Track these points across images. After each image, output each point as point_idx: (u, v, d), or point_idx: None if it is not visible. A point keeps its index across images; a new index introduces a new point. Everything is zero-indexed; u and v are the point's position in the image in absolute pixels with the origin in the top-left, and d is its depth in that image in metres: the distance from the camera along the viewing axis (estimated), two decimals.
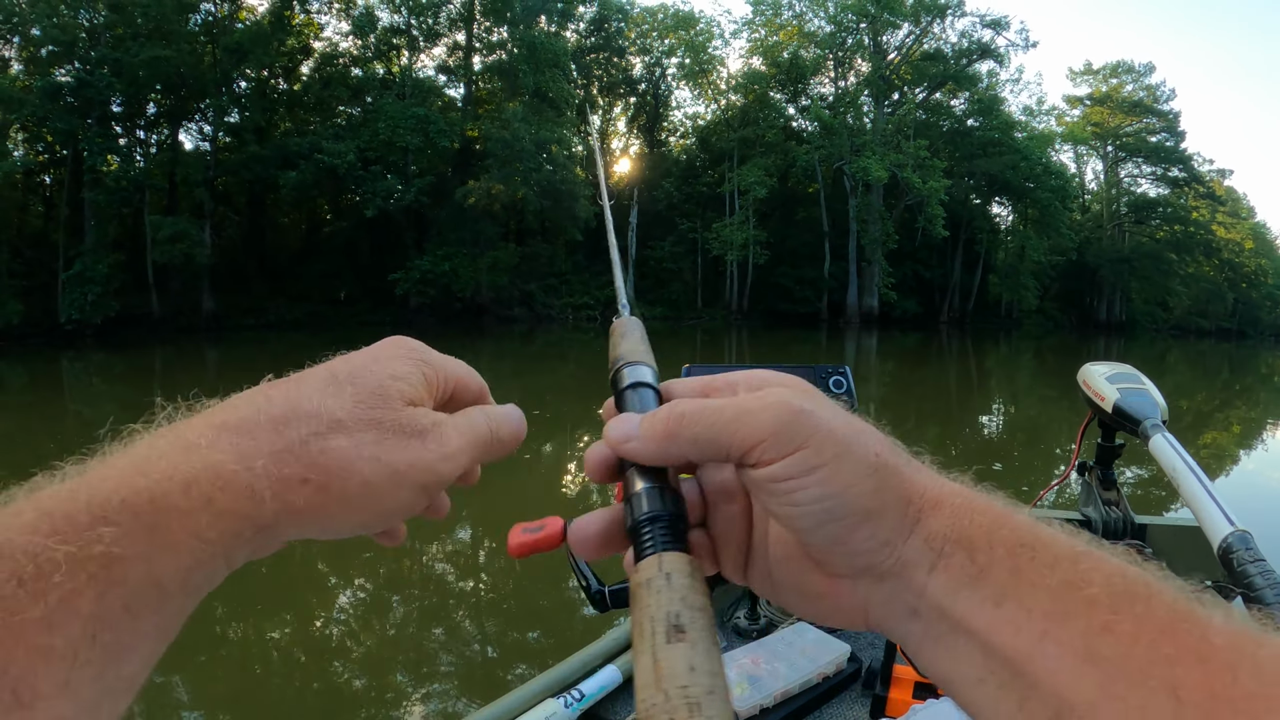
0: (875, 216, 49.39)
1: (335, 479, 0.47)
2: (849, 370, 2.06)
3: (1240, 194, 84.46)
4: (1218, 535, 1.31)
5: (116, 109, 36.19)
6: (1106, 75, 67.98)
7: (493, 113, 43.37)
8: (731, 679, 1.75)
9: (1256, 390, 26.69)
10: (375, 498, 0.49)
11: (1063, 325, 63.83)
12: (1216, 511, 1.36)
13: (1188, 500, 1.44)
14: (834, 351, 30.62)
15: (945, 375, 24.71)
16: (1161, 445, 1.65)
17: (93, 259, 33.16)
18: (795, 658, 1.80)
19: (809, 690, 1.76)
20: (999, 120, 55.36)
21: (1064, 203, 57.58)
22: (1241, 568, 1.22)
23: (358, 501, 0.48)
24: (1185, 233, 65.32)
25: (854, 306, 51.00)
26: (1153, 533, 2.23)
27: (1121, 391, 1.96)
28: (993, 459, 11.41)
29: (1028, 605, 0.39)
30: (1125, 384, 1.99)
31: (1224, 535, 1.29)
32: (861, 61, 54.42)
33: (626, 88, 56.80)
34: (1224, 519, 1.33)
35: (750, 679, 1.73)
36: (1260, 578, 1.19)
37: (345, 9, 44.16)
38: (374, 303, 41.63)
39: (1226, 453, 13.47)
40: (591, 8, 51.10)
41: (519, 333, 37.46)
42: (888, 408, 16.35)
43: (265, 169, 38.58)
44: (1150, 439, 1.71)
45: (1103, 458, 2.29)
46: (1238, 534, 1.28)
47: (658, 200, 50.96)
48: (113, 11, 34.64)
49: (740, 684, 1.70)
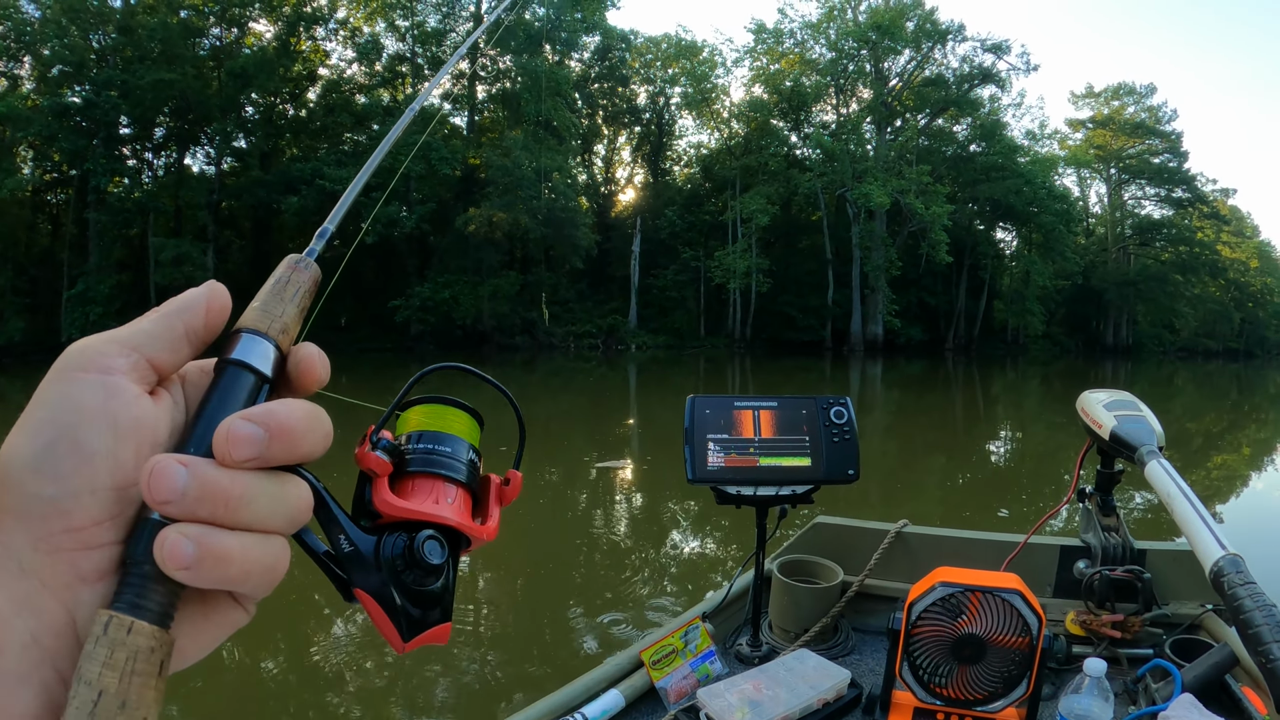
0: (878, 243, 49.50)
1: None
2: (849, 401, 2.10)
3: (1244, 213, 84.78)
4: (1209, 559, 1.32)
5: (125, 131, 36.60)
6: (1108, 98, 68.36)
7: (495, 140, 43.70)
8: (733, 704, 1.77)
9: (1266, 410, 26.58)
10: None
11: (1069, 350, 63.85)
12: (1209, 536, 1.37)
13: (1181, 525, 1.46)
14: (838, 380, 30.56)
15: (951, 403, 24.64)
16: (1156, 471, 1.67)
17: (95, 279, 33.53)
18: (796, 684, 1.82)
19: (810, 716, 1.77)
20: (1001, 145, 55.66)
21: (1068, 226, 57.79)
22: (1232, 590, 1.24)
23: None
24: (1190, 253, 65.53)
25: (858, 334, 51.03)
26: (1151, 558, 2.25)
27: (1119, 419, 1.98)
28: (1000, 488, 11.38)
29: None
30: (1122, 411, 2.01)
31: (1215, 559, 1.31)
32: (863, 88, 54.76)
33: (631, 117, 57.24)
34: (1216, 544, 1.34)
35: (751, 704, 1.74)
36: (1250, 600, 1.20)
37: (351, 36, 44.58)
38: (375, 329, 41.79)
39: (1237, 474, 13.42)
40: (595, 37, 51.46)
41: (520, 360, 37.44)
42: (893, 437, 16.30)
43: (269, 194, 38.91)
44: (1146, 465, 1.73)
45: (1102, 484, 2.32)
46: (1229, 558, 1.29)
47: (661, 229, 51.20)
48: (122, 34, 35.05)
49: (741, 709, 1.72)
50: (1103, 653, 2.06)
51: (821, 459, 2.03)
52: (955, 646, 1.58)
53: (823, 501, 2.21)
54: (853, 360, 44.26)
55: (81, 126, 34.20)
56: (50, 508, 0.41)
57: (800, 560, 2.42)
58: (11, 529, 0.41)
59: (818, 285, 51.47)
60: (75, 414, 0.43)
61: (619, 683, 1.91)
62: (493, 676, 5.22)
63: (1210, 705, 1.66)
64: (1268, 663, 1.14)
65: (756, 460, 2.01)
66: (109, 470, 0.43)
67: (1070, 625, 2.15)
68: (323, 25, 43.89)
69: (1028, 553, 2.33)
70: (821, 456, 2.04)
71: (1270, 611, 1.19)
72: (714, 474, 2.00)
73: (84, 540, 0.42)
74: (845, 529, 2.55)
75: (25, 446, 0.42)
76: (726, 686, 1.86)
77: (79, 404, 0.43)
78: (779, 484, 2.02)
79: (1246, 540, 8.67)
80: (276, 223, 42.62)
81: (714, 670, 2.02)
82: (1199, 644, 2.05)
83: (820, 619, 2.21)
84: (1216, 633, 2.12)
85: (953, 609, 1.58)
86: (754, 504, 2.06)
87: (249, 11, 40.57)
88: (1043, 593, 2.34)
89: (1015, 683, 1.58)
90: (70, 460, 0.42)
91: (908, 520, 2.51)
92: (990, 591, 1.56)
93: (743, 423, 2.06)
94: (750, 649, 2.16)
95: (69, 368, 0.44)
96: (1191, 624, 2.19)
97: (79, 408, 0.43)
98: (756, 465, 2.01)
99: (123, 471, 0.43)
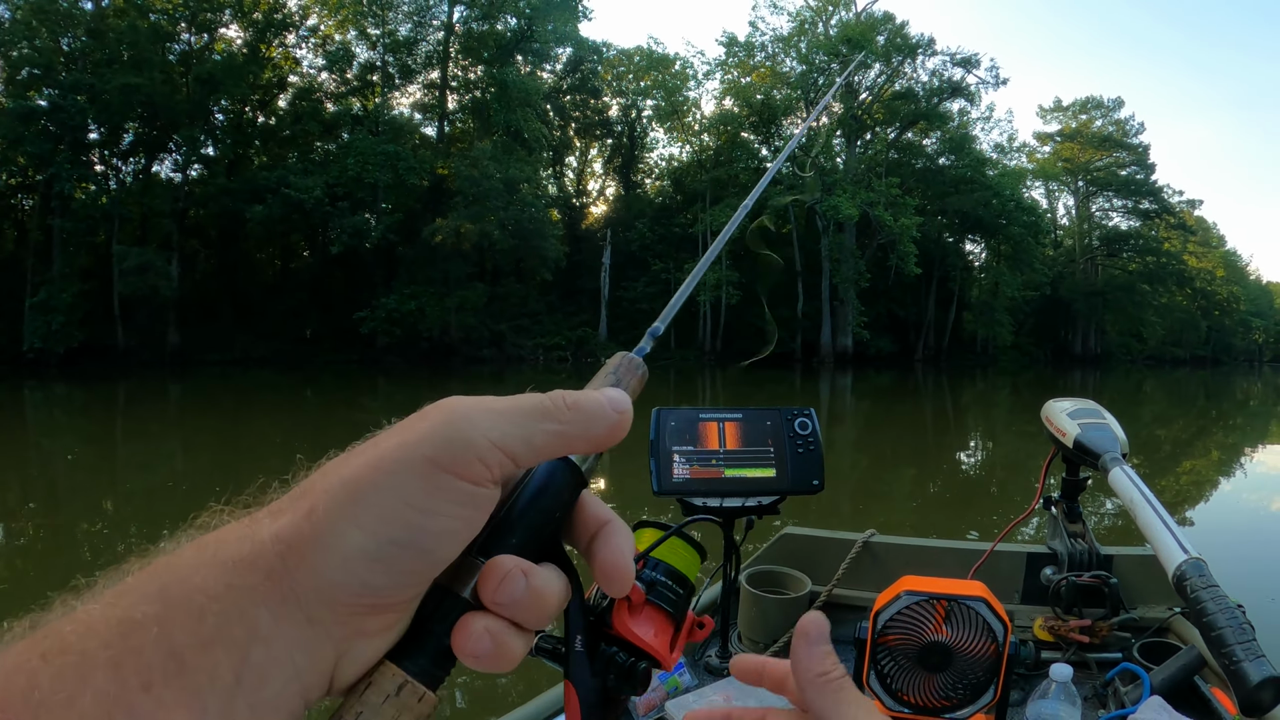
0: (848, 255, 49.65)
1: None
2: (813, 412, 2.11)
3: (1210, 223, 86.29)
4: (1172, 564, 1.33)
5: (93, 136, 36.14)
6: (1076, 111, 69.17)
7: (465, 151, 43.50)
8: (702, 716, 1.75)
9: (1233, 415, 26.92)
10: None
11: (1038, 360, 64.32)
12: (1171, 541, 1.38)
13: (1144, 530, 1.47)
14: (808, 391, 30.66)
15: (921, 413, 24.77)
16: (1120, 478, 1.68)
17: (58, 287, 33.00)
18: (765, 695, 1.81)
19: None
20: (971, 158, 56.12)
21: (1036, 238, 58.30)
22: (1195, 594, 1.25)
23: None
24: (1158, 264, 66.30)
25: (828, 346, 51.18)
26: (1118, 563, 2.26)
27: (1082, 427, 2.00)
28: (969, 497, 11.44)
29: None
30: (1086, 419, 2.03)
31: (1178, 564, 1.32)
32: (834, 101, 54.92)
33: (603, 129, 57.33)
34: (1178, 548, 1.35)
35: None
36: (1212, 603, 1.21)
37: (321, 44, 44.39)
38: (340, 341, 41.40)
39: (1206, 478, 13.60)
40: (567, 49, 51.54)
41: (488, 374, 37.22)
42: (863, 448, 16.34)
43: (235, 202, 38.43)
44: (1110, 472, 1.74)
45: (1068, 492, 2.34)
46: (1191, 562, 1.30)
47: (631, 241, 51.23)
48: (91, 37, 34.65)
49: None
50: (1071, 658, 2.06)
51: (786, 470, 2.03)
52: (922, 654, 1.57)
53: (792, 513, 2.22)
54: (823, 372, 44.45)
55: (49, 130, 33.74)
56: (369, 591, 0.41)
57: (769, 571, 2.41)
58: (310, 585, 0.40)
59: (788, 297, 51.54)
60: (432, 521, 0.42)
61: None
62: (459, 692, 5.17)
63: (1180, 707, 1.67)
64: (1231, 664, 1.15)
65: (722, 472, 2.01)
66: (440, 568, 0.43)
67: (1038, 631, 2.15)
68: (293, 32, 43.66)
69: (995, 560, 2.34)
70: (786, 467, 2.03)
71: (1232, 614, 1.20)
72: (680, 485, 1.99)
73: (383, 609, 0.42)
74: (813, 540, 2.54)
75: (370, 533, 0.41)
76: (696, 698, 1.85)
77: (441, 510, 0.42)
78: (745, 495, 2.02)
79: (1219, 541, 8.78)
80: (243, 232, 41.90)
81: (683, 682, 2.00)
82: (1167, 647, 2.06)
83: (789, 629, 2.20)
84: (1185, 635, 2.13)
85: (918, 617, 1.58)
86: (720, 515, 2.06)
87: (219, 17, 40.28)
88: (1010, 599, 2.34)
89: (982, 689, 1.58)
90: (412, 563, 0.42)
91: (875, 530, 2.51)
92: (955, 599, 1.56)
93: (708, 435, 2.05)
94: (719, 660, 2.15)
95: (443, 462, 0.42)
96: (1159, 627, 2.20)
97: (439, 514, 0.42)
98: (722, 476, 2.01)
99: (448, 563, 0.44)
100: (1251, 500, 11.82)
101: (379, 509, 0.41)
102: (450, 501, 0.42)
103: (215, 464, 12.69)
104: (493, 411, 0.45)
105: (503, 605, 0.44)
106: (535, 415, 0.46)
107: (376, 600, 0.42)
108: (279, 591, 0.40)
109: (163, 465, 12.94)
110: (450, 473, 0.42)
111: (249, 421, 19.01)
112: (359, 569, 0.40)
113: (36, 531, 8.51)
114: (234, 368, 35.85)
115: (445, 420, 0.44)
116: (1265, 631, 1.28)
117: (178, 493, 10.25)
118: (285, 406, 22.87)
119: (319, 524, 0.41)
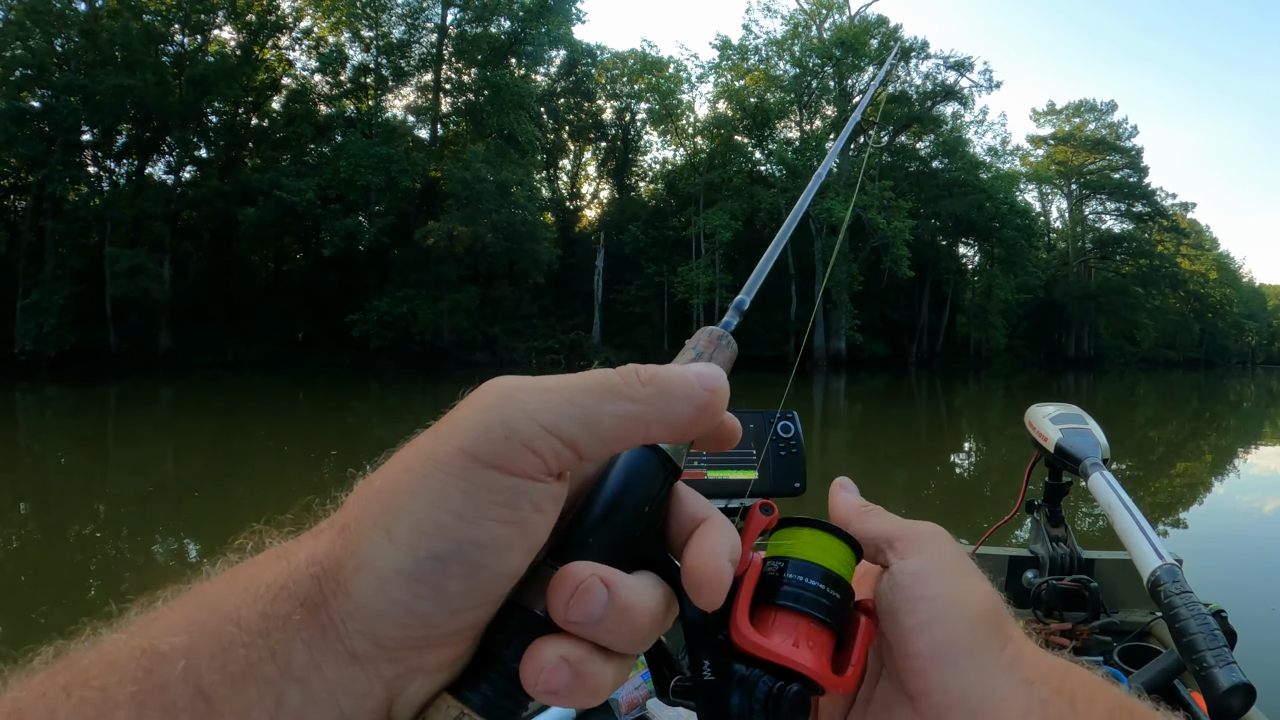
0: (841, 258, 49.62)
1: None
2: (796, 416, 2.11)
3: (1203, 226, 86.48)
4: (1147, 569, 1.34)
5: (86, 138, 36.04)
6: (1069, 114, 69.35)
7: (458, 153, 43.49)
8: (684, 715, 1.75)
9: (1226, 417, 26.92)
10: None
11: (1031, 362, 64.42)
12: (1147, 546, 1.39)
13: (1120, 536, 1.48)
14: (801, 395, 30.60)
15: (914, 416, 24.74)
16: (1099, 483, 1.68)
17: (50, 289, 32.87)
18: None
19: None
20: (964, 161, 56.26)
21: (1030, 241, 58.44)
22: (1168, 599, 1.25)
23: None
24: (1150, 266, 66.55)
25: (821, 349, 51.15)
26: (1100, 567, 2.27)
27: (1064, 431, 2.00)
28: (960, 500, 11.43)
29: None
30: (1068, 424, 2.03)
31: (1153, 569, 1.32)
32: (827, 105, 54.96)
33: (597, 132, 57.37)
34: (1153, 554, 1.36)
35: None
36: (1185, 609, 1.22)
37: (315, 46, 44.30)
38: (333, 344, 41.32)
39: (1199, 480, 13.59)
40: (561, 52, 51.56)
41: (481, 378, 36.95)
42: (856, 451, 16.31)
43: (227, 204, 38.37)
44: (1089, 477, 1.75)
45: (1050, 496, 2.35)
46: (1165, 568, 1.31)
47: (625, 244, 51.23)
48: (85, 38, 34.53)
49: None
50: None
51: (768, 472, 2.03)
52: None
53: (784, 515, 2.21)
54: (816, 375, 44.34)
55: (42, 132, 33.69)
56: (416, 619, 0.35)
57: None
58: (349, 615, 0.35)
59: (781, 300, 51.51)
60: (478, 528, 0.35)
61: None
62: None
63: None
64: (1201, 670, 1.15)
65: (704, 473, 2.01)
66: (504, 585, 0.37)
67: None
68: (287, 34, 43.65)
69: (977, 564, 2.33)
70: (768, 469, 2.04)
71: (1204, 620, 1.20)
72: None
73: (440, 641, 0.36)
74: None
75: (406, 548, 0.34)
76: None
77: (486, 514, 0.35)
78: (727, 496, 2.02)
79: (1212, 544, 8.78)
80: (236, 235, 41.96)
81: None
82: (1148, 650, 2.06)
83: None
84: (1165, 639, 2.13)
85: None
86: None
87: (213, 18, 40.20)
88: None
89: None
90: (461, 582, 0.35)
91: None
92: None
93: None
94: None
95: (483, 455, 0.36)
96: (1140, 631, 2.20)
97: (485, 518, 0.35)
98: (704, 478, 2.01)
99: (514, 578, 0.37)
100: (1244, 502, 11.82)
101: (413, 519, 0.35)
102: (497, 503, 0.35)
103: (207, 467, 12.64)
104: (543, 390, 0.38)
105: (580, 625, 0.37)
106: (600, 394, 0.39)
107: (429, 630, 0.35)
108: (316, 622, 0.34)
109: (154, 468, 12.87)
110: (493, 467, 0.36)
111: (241, 425, 18.93)
112: (399, 593, 0.34)
113: (28, 535, 8.48)
114: (226, 370, 35.78)
115: (485, 405, 0.38)
116: (1260, 631, 1.29)
117: (169, 496, 10.22)
118: (277, 410, 22.77)
119: (351, 542, 0.35)
